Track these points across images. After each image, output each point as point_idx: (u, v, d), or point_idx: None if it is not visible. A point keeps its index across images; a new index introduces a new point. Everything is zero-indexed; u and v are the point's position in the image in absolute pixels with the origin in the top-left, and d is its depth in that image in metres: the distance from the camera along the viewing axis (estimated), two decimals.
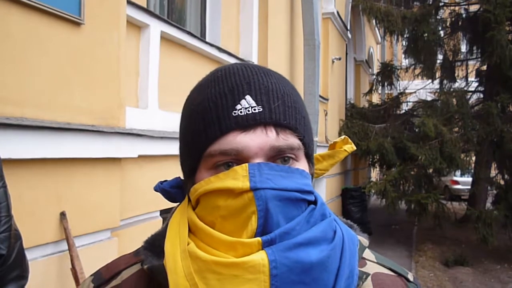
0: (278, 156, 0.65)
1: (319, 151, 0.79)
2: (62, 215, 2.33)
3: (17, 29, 2.07)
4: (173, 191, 0.75)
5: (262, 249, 0.58)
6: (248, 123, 0.63)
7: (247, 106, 0.64)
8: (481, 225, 8.32)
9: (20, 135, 2.03)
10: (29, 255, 1.74)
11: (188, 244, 0.63)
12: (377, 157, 10.74)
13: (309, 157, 0.71)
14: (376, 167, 12.12)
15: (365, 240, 0.75)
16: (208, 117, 0.65)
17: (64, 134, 2.28)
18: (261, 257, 0.57)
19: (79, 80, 2.43)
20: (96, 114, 2.55)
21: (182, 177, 0.77)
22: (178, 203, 0.75)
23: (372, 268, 0.74)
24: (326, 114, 9.00)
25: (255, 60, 5.49)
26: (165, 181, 0.77)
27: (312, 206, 0.66)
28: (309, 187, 0.66)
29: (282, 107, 0.65)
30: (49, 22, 2.24)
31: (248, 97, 0.64)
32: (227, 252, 0.60)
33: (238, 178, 0.61)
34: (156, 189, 0.76)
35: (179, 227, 0.66)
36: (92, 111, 2.52)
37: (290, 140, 0.65)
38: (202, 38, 4.47)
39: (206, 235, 0.62)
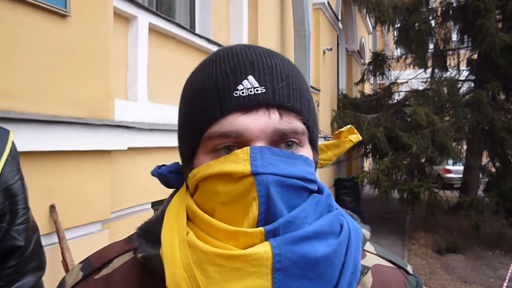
0: (282, 140, 0.62)
1: None
2: (52, 207, 2.33)
3: (2, 22, 2.05)
4: (172, 176, 0.71)
5: (266, 239, 0.55)
6: (250, 104, 0.60)
7: (249, 86, 0.61)
8: (473, 212, 8.40)
9: (8, 127, 2.01)
10: None
11: (187, 234, 0.60)
12: (370, 147, 10.80)
13: (313, 144, 0.68)
14: (369, 157, 12.18)
15: (367, 233, 0.72)
16: (208, 98, 0.62)
17: (52, 126, 2.27)
18: (264, 250, 0.54)
19: (67, 73, 2.42)
20: (85, 106, 2.54)
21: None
22: (173, 190, 0.72)
23: (371, 260, 0.72)
24: (318, 105, 9.01)
25: None
26: (163, 165, 0.73)
27: (316, 194, 0.63)
28: (313, 176, 0.63)
29: (287, 89, 0.62)
30: (34, 14, 2.22)
31: (250, 77, 0.61)
32: (227, 241, 0.57)
33: (239, 161, 0.58)
34: (154, 173, 0.72)
35: (177, 215, 0.63)
36: (80, 103, 2.51)
37: (294, 123, 0.62)
38: (191, 29, 4.46)
39: (206, 223, 0.59)
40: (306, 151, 0.65)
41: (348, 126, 0.80)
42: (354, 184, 10.36)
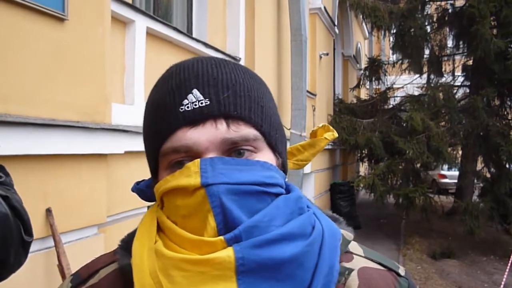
0: (234, 148, 0.63)
1: None
2: (48, 211, 2.33)
3: (0, 25, 2.05)
4: (149, 190, 0.72)
5: (229, 246, 0.57)
6: (195, 118, 0.61)
7: (193, 100, 0.62)
8: (468, 217, 8.44)
9: (4, 131, 2.01)
10: None
11: (155, 243, 0.62)
12: (366, 152, 10.83)
13: (273, 147, 0.68)
14: (364, 162, 12.21)
15: (349, 234, 0.72)
16: (158, 115, 0.65)
17: (48, 130, 2.27)
18: (227, 254, 0.56)
19: (64, 76, 2.42)
20: (82, 110, 2.54)
21: None
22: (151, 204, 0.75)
23: (358, 262, 0.70)
24: (314, 110, 9.02)
25: (242, 55, 5.49)
26: (142, 181, 0.75)
27: (282, 197, 0.64)
28: (273, 179, 0.64)
29: (233, 98, 0.63)
30: (32, 18, 2.23)
31: (195, 91, 0.63)
32: (192, 250, 0.58)
33: (190, 175, 0.59)
34: (133, 189, 0.75)
35: (149, 226, 0.66)
36: (77, 107, 2.51)
37: (243, 131, 0.63)
38: (188, 33, 4.47)
39: (172, 233, 0.61)
40: (264, 156, 0.65)
41: (323, 124, 0.80)
42: (350, 189, 10.37)
